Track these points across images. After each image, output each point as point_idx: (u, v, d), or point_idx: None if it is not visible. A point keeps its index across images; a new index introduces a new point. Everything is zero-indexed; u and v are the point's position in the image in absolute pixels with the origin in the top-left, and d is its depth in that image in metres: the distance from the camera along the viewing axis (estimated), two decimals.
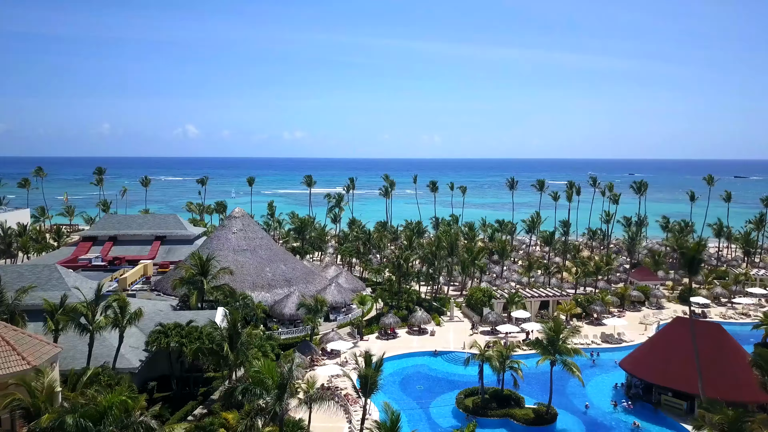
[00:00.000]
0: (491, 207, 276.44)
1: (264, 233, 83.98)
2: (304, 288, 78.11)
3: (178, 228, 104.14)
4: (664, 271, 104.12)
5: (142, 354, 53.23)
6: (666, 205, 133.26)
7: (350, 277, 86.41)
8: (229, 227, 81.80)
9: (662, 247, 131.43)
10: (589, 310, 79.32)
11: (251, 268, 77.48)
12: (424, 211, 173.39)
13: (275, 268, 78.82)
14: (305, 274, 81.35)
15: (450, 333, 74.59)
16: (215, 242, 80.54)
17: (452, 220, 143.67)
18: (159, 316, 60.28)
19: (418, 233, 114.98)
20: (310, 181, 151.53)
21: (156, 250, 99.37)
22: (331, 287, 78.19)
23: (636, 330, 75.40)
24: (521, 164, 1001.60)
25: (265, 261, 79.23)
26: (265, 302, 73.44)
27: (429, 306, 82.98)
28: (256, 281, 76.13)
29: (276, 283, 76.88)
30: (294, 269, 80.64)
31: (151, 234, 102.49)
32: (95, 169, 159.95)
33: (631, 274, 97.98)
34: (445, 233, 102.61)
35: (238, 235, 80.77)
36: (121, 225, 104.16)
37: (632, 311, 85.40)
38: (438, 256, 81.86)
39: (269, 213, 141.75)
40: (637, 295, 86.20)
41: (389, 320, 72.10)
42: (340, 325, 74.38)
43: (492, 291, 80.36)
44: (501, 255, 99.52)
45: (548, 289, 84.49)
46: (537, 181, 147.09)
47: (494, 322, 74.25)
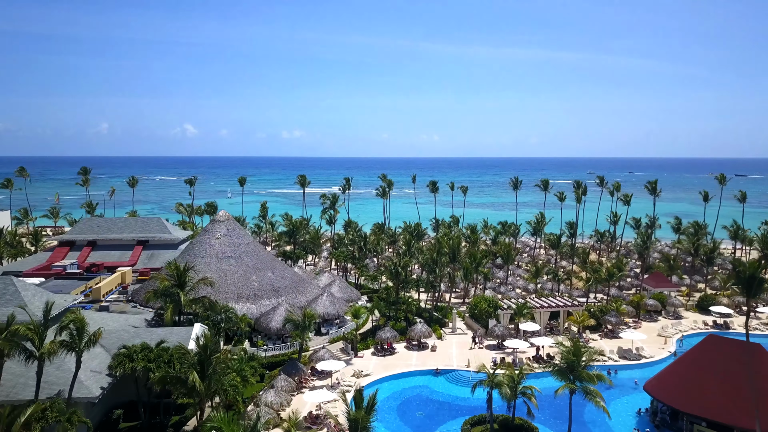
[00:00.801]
0: (492, 207, 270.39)
1: (250, 238, 77.64)
2: (293, 298, 71.83)
3: (162, 232, 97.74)
4: (678, 276, 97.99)
5: (105, 379, 46.93)
6: (668, 205, 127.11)
7: (344, 286, 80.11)
8: (213, 232, 75.45)
9: (672, 249, 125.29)
10: (603, 321, 73.15)
11: (236, 277, 71.15)
12: (423, 212, 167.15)
13: (262, 277, 72.49)
14: (295, 282, 75.04)
15: (453, 347, 68.33)
16: (197, 248, 74.18)
17: (452, 222, 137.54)
18: (128, 333, 54.01)
19: (417, 236, 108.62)
20: (304, 181, 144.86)
21: (137, 256, 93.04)
22: (323, 298, 71.88)
23: (655, 344, 69.19)
24: (520, 163, 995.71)
25: (251, 269, 72.89)
26: (250, 315, 67.22)
27: (429, 317, 76.74)
28: (240, 291, 69.81)
29: (263, 294, 70.55)
30: (283, 278, 74.31)
31: (132, 238, 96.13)
32: (80, 169, 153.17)
33: (645, 280, 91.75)
34: (446, 237, 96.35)
35: (222, 241, 74.44)
36: (101, 229, 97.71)
37: (648, 321, 79.23)
38: (439, 262, 75.61)
39: (261, 215, 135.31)
40: (654, 303, 79.98)
41: (386, 334, 65.84)
42: (333, 340, 68.11)
43: (498, 301, 74.09)
44: (506, 259, 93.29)
45: (558, 297, 78.24)
46: (541, 180, 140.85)
47: (501, 336, 68.02)
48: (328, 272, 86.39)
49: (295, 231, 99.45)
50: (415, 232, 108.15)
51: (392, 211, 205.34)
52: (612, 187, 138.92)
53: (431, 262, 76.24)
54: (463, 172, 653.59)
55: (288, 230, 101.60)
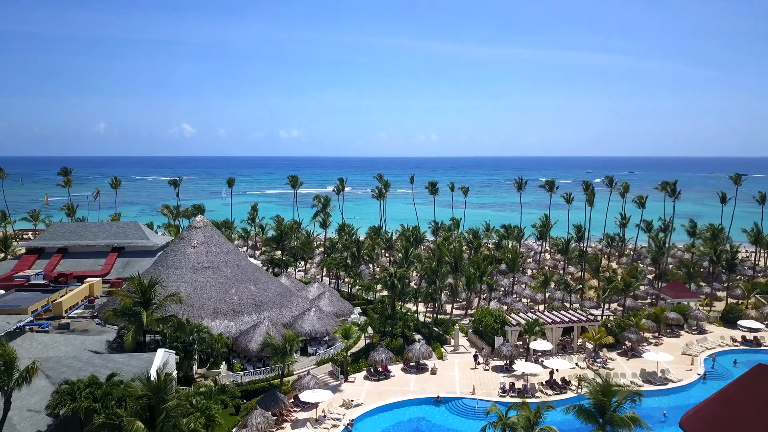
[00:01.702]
0: (491, 207, 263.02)
1: (231, 246, 70.21)
2: (277, 314, 64.47)
3: (139, 237, 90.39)
4: (696, 284, 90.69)
5: (45, 420, 39.54)
6: (670, 204, 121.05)
7: (335, 298, 72.72)
8: (188, 240, 67.99)
9: (685, 253, 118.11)
10: (622, 338, 65.89)
11: (213, 290, 63.75)
12: (422, 213, 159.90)
13: (243, 290, 65.11)
14: (280, 296, 67.66)
15: (455, 369, 61.03)
16: (170, 258, 66.74)
17: (453, 225, 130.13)
18: (80, 362, 46.57)
19: (415, 242, 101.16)
20: (295, 182, 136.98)
21: (111, 264, 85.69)
22: (310, 313, 64.49)
23: (681, 364, 61.92)
24: (519, 162, 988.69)
25: (231, 281, 65.50)
26: (228, 333, 59.90)
27: (429, 333, 69.41)
28: (218, 307, 62.40)
29: (243, 309, 63.15)
30: (266, 290, 66.92)
31: (106, 245, 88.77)
32: (60, 169, 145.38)
33: (662, 289, 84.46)
34: (447, 242, 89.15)
35: (199, 250, 67.01)
36: (73, 234, 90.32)
37: (670, 337, 72.01)
38: (439, 273, 68.28)
39: (250, 217, 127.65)
40: (676, 317, 72.71)
41: (381, 356, 58.47)
42: (320, 362, 60.75)
43: (504, 316, 66.76)
44: (511, 267, 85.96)
45: (570, 311, 70.94)
46: (546, 181, 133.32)
47: (509, 356, 60.69)
48: (318, 283, 78.94)
49: (283, 236, 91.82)
50: (413, 237, 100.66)
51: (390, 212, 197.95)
52: (621, 187, 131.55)
53: (431, 273, 68.86)
54: (461, 171, 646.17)
55: (275, 235, 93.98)
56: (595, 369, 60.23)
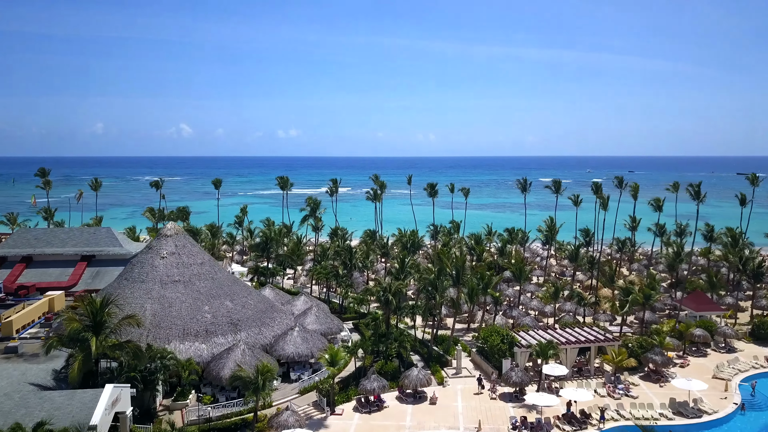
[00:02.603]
0: (491, 208, 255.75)
1: (206, 257, 62.71)
2: (256, 334, 57.09)
3: (111, 245, 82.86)
4: (717, 294, 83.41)
5: None
6: (673, 205, 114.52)
7: (322, 314, 65.28)
8: (157, 250, 60.50)
9: (699, 258, 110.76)
10: (645, 360, 58.60)
11: (183, 307, 56.31)
12: (420, 214, 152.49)
13: (218, 307, 57.68)
14: (260, 312, 60.24)
15: (458, 398, 53.68)
16: (136, 271, 59.27)
17: (453, 228, 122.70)
18: (12, 400, 39.21)
19: (413, 248, 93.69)
20: (285, 183, 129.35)
21: (79, 275, 78.18)
22: (294, 333, 57.09)
23: (714, 390, 54.57)
24: (517, 162, 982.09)
25: (204, 296, 58.06)
26: (199, 358, 52.52)
27: (428, 354, 62.01)
28: (188, 327, 54.97)
29: (217, 329, 55.73)
30: (245, 306, 59.49)
31: (75, 253, 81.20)
32: (38, 170, 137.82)
33: (683, 301, 77.10)
34: (447, 250, 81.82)
35: (169, 261, 59.55)
36: (39, 242, 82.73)
37: (696, 356, 64.69)
38: (439, 286, 60.80)
39: (237, 221, 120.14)
40: (703, 334, 65.34)
41: (373, 384, 51.06)
42: (303, 390, 53.36)
43: (513, 335, 59.37)
44: (517, 276, 78.63)
45: (586, 329, 63.53)
46: (552, 181, 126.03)
47: (519, 383, 53.37)
48: (305, 295, 71.47)
49: (268, 243, 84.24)
50: (410, 242, 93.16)
51: (387, 214, 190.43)
52: (630, 188, 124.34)
53: (431, 288, 61.38)
54: (459, 171, 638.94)
55: (260, 242, 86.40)
56: (617, 397, 52.97)
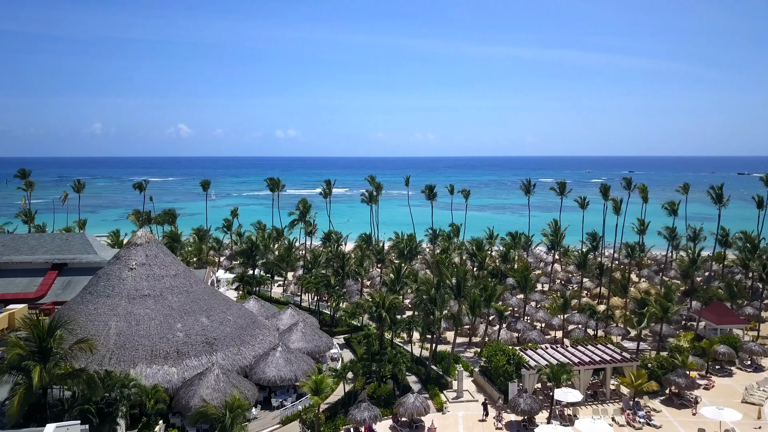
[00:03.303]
0: (492, 209, 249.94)
1: (181, 268, 56.73)
2: (234, 354, 51.21)
3: (85, 252, 76.90)
4: (736, 304, 77.57)
5: None
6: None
7: (310, 330, 59.33)
8: (125, 260, 54.55)
9: (712, 263, 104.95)
10: (667, 382, 52.80)
11: (152, 325, 50.39)
12: (419, 215, 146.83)
13: (192, 324, 51.77)
14: (240, 329, 54.35)
15: (459, 427, 47.86)
16: (101, 284, 53.28)
17: (453, 231, 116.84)
18: None
19: (410, 254, 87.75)
20: (275, 185, 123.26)
21: (49, 285, 72.17)
22: (276, 354, 51.23)
23: (747, 419, 48.71)
24: (516, 162, 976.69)
25: (177, 312, 52.14)
26: (168, 383, 46.65)
27: (426, 374, 56.12)
28: (157, 347, 49.05)
29: (190, 349, 49.84)
30: (222, 323, 53.59)
31: (45, 261, 75.25)
32: (18, 171, 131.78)
33: (702, 312, 71.24)
34: (446, 257, 76.01)
35: (139, 273, 53.61)
36: (6, 248, 76.69)
37: (721, 376, 58.90)
38: (439, 300, 54.88)
39: (225, 224, 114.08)
40: (728, 352, 59.52)
41: (363, 414, 45.18)
42: (286, 419, 47.48)
43: (520, 355, 53.54)
44: (523, 286, 72.75)
45: (600, 346, 57.67)
46: (557, 183, 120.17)
47: (528, 411, 47.53)
48: (292, 308, 65.54)
49: (254, 249, 78.19)
50: (408, 248, 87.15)
51: (385, 215, 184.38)
52: (639, 190, 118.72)
53: (429, 304, 55.40)
54: (459, 171, 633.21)
55: (245, 249, 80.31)
56: (638, 427, 47.18)
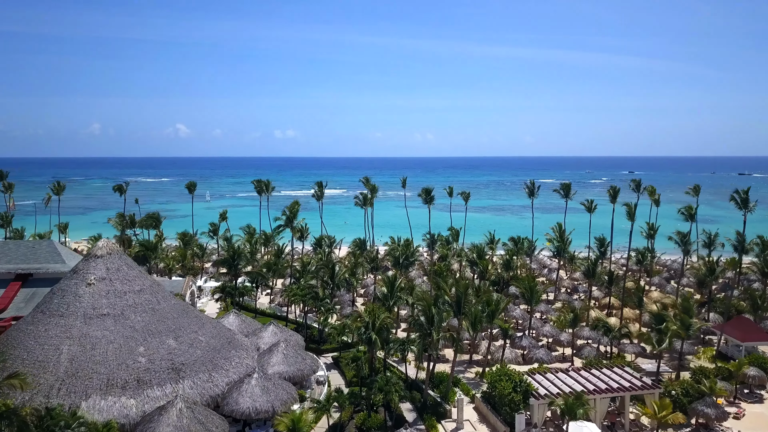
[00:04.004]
0: (492, 211, 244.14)
1: (148, 282, 50.57)
2: (204, 382, 45.15)
3: (53, 261, 70.74)
4: (758, 317, 71.52)
5: None
6: (675, 208, 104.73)
7: (293, 351, 53.19)
8: (84, 275, 48.45)
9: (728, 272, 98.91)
10: (693, 412, 46.84)
11: (110, 349, 44.30)
12: (417, 217, 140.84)
13: (157, 347, 45.70)
14: (213, 351, 48.28)
15: None
16: (55, 302, 47.14)
17: (452, 235, 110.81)
18: None
19: (406, 261, 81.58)
20: (263, 187, 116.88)
21: (11, 297, 65.92)
22: (252, 381, 45.16)
23: None
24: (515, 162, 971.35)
25: (140, 334, 46.07)
26: (125, 418, 40.62)
27: (423, 401, 50.04)
28: (114, 375, 42.97)
29: (153, 377, 43.76)
30: (192, 345, 47.51)
31: (8, 271, 69.00)
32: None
33: (726, 328, 65.24)
34: (445, 269, 70.05)
35: (98, 289, 47.50)
36: None
37: (750, 402, 52.92)
38: (436, 320, 48.77)
39: (210, 230, 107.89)
40: (758, 375, 53.56)
41: None
42: None
43: (528, 382, 47.53)
44: (529, 299, 66.68)
45: (617, 369, 51.64)
46: (561, 185, 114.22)
47: None
48: (274, 324, 59.35)
49: (236, 258, 72.04)
50: (404, 256, 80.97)
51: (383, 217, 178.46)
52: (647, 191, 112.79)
53: (426, 325, 49.23)
54: (457, 171, 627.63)
55: (226, 257, 74.13)
56: None
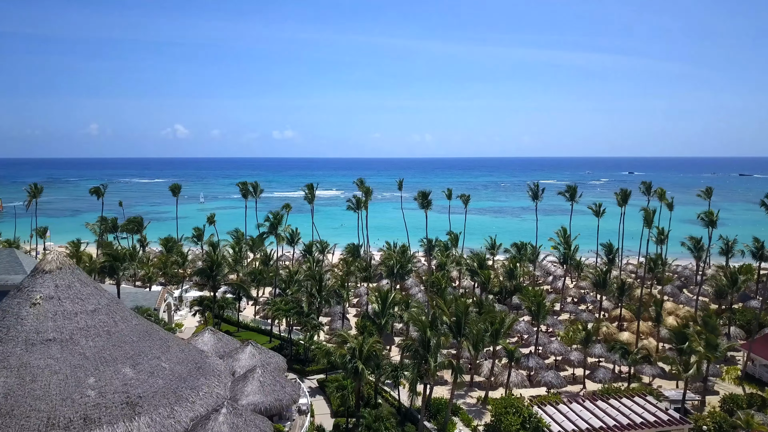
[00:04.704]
0: (491, 213, 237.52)
1: (104, 301, 44.17)
2: (164, 418, 38.87)
3: (11, 272, 64.63)
4: None
5: None
6: (676, 210, 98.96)
7: (270, 378, 46.85)
8: (28, 293, 42.16)
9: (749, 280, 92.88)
10: None
11: (54, 381, 38.05)
12: (415, 219, 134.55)
13: (110, 377, 39.42)
14: (178, 380, 42.01)
15: None
16: None
17: (451, 240, 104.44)
18: None
19: (401, 273, 75.19)
20: (248, 190, 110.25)
21: None
22: (219, 419, 38.89)
23: None
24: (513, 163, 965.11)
25: (91, 362, 39.79)
26: None
27: None
28: (57, 412, 36.73)
29: (103, 414, 37.49)
30: (153, 373, 41.24)
31: None
32: None
33: (754, 347, 59.06)
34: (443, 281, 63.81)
35: (44, 310, 41.20)
36: None
37: None
38: (433, 347, 42.48)
39: (194, 234, 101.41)
40: None
41: None
42: None
43: (539, 417, 41.35)
44: (536, 314, 60.51)
45: (638, 399, 45.48)
46: (567, 187, 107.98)
47: None
48: (252, 345, 52.99)
49: (214, 268, 65.54)
50: (398, 265, 74.46)
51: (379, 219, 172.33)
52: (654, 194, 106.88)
53: (421, 350, 42.96)
54: (456, 172, 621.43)
55: (204, 267, 67.61)
56: None
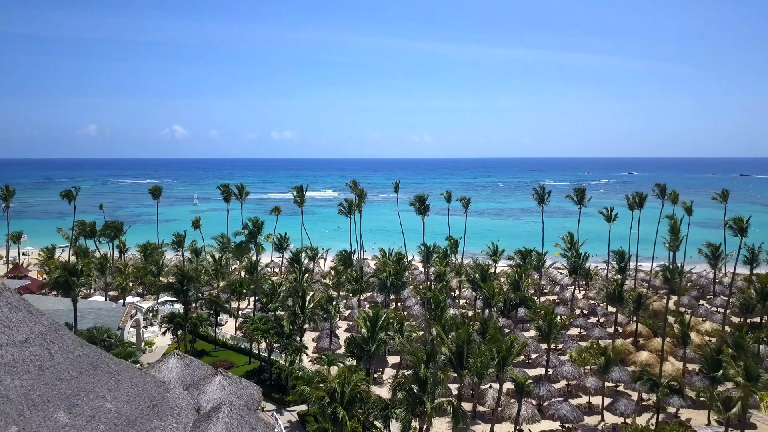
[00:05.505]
0: (491, 215, 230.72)
1: (40, 329, 37.12)
2: None
3: None
4: None
5: None
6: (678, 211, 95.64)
7: (239, 418, 39.69)
8: None
9: None
10: None
11: None
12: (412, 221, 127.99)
13: (38, 424, 32.38)
14: (125, 424, 34.91)
15: None
16: None
17: (450, 247, 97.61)
18: None
19: (395, 286, 68.12)
20: (230, 192, 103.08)
21: None
22: None
23: None
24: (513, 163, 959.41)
25: (15, 407, 32.71)
26: None
27: None
28: None
29: None
30: (94, 417, 34.16)
31: None
32: None
33: None
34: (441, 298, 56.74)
35: None
36: None
37: None
38: (430, 386, 35.46)
39: (175, 240, 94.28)
40: None
41: None
42: None
43: None
44: (546, 334, 53.58)
45: None
46: (575, 190, 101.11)
47: None
48: (221, 374, 45.99)
49: (185, 283, 58.36)
50: (391, 278, 67.20)
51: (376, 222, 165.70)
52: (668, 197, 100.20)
53: (416, 387, 35.90)
54: (455, 173, 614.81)
55: (172, 283, 60.52)
56: None
